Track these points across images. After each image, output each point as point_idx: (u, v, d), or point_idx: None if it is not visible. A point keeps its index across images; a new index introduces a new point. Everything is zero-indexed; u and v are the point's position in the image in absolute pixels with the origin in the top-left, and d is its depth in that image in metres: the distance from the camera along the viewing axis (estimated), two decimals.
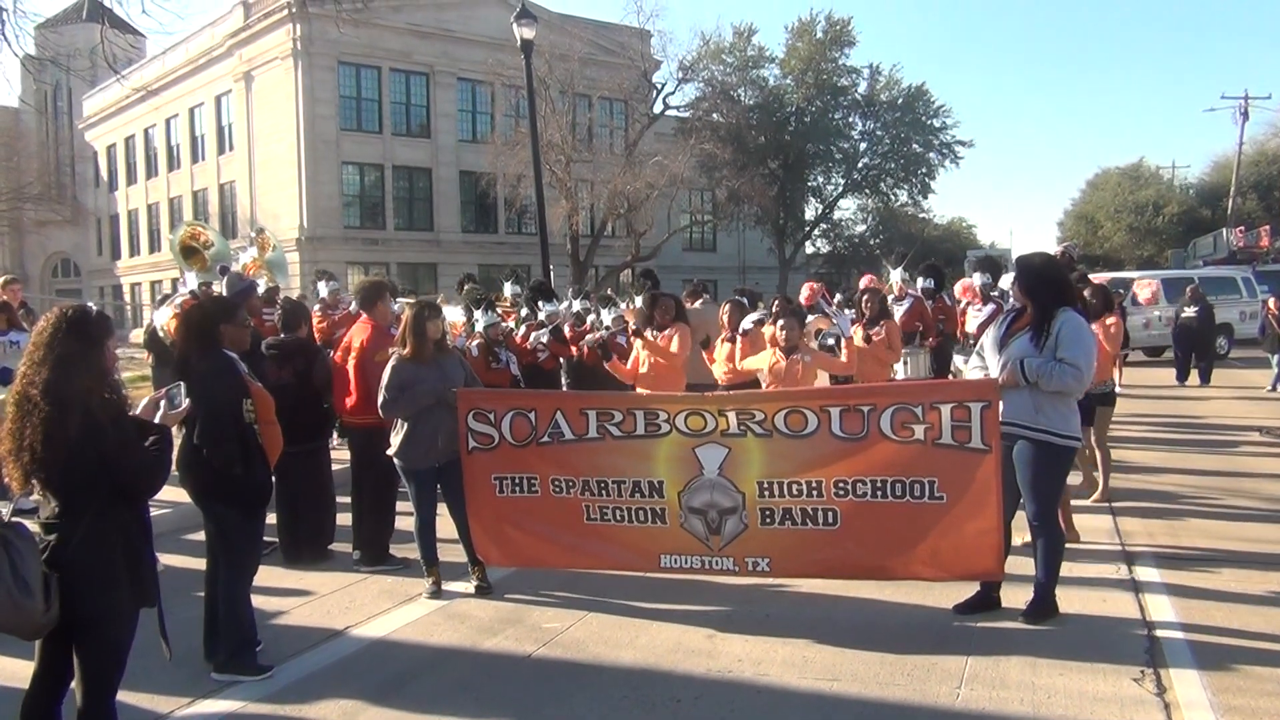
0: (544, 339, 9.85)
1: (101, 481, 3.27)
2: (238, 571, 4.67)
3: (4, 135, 44.68)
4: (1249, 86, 42.43)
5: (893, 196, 43.52)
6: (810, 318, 8.96)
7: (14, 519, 3.25)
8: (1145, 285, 20.92)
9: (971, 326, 9.89)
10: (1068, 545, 5.57)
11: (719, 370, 7.92)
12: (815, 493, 4.96)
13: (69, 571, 3.22)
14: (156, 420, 3.58)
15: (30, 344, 3.38)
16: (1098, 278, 12.29)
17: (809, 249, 46.77)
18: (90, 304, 3.68)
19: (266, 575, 6.20)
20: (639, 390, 7.31)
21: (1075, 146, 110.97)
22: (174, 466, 3.94)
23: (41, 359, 3.28)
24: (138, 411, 3.60)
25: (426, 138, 36.74)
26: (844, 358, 7.23)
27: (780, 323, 7.02)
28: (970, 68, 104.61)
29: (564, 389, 10.35)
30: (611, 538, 5.35)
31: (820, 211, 44.00)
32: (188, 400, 3.71)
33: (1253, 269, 24.46)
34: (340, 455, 7.70)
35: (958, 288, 11.30)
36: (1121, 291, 16.52)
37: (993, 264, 10.89)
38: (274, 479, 5.13)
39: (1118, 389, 8.74)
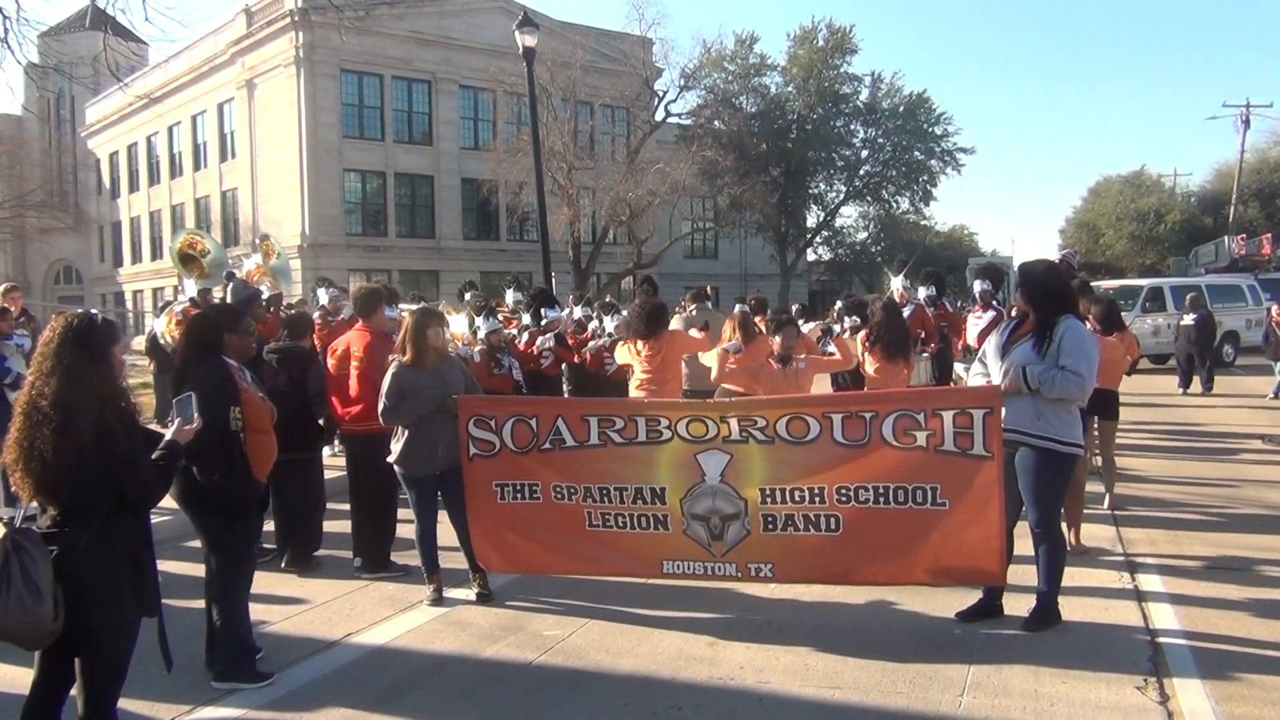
0: (550, 344, 9.86)
1: (108, 490, 3.27)
2: (227, 579, 4.62)
3: (7, 143, 44.81)
4: (1250, 94, 42.82)
5: (894, 204, 43.65)
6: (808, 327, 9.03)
7: (24, 524, 3.24)
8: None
9: (972, 334, 9.88)
10: (1073, 555, 5.57)
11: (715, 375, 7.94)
12: (818, 499, 4.95)
13: (74, 582, 3.21)
14: (169, 436, 3.57)
15: (37, 354, 3.38)
16: (1107, 285, 12.16)
17: (810, 256, 46.87)
18: (94, 310, 3.68)
19: (267, 582, 6.21)
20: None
21: (1077, 154, 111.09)
22: None
23: (50, 369, 3.28)
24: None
25: (428, 145, 36.83)
26: (838, 354, 7.49)
27: (781, 333, 7.05)
28: (972, 75, 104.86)
29: (565, 395, 10.36)
30: (614, 544, 5.34)
31: (822, 219, 44.11)
32: (199, 417, 3.69)
33: (1255, 277, 24.46)
34: (339, 462, 7.70)
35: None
36: (1123, 301, 16.54)
37: (994, 271, 10.89)
38: (268, 487, 5.12)
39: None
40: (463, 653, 5.01)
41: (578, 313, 11.73)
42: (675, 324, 8.77)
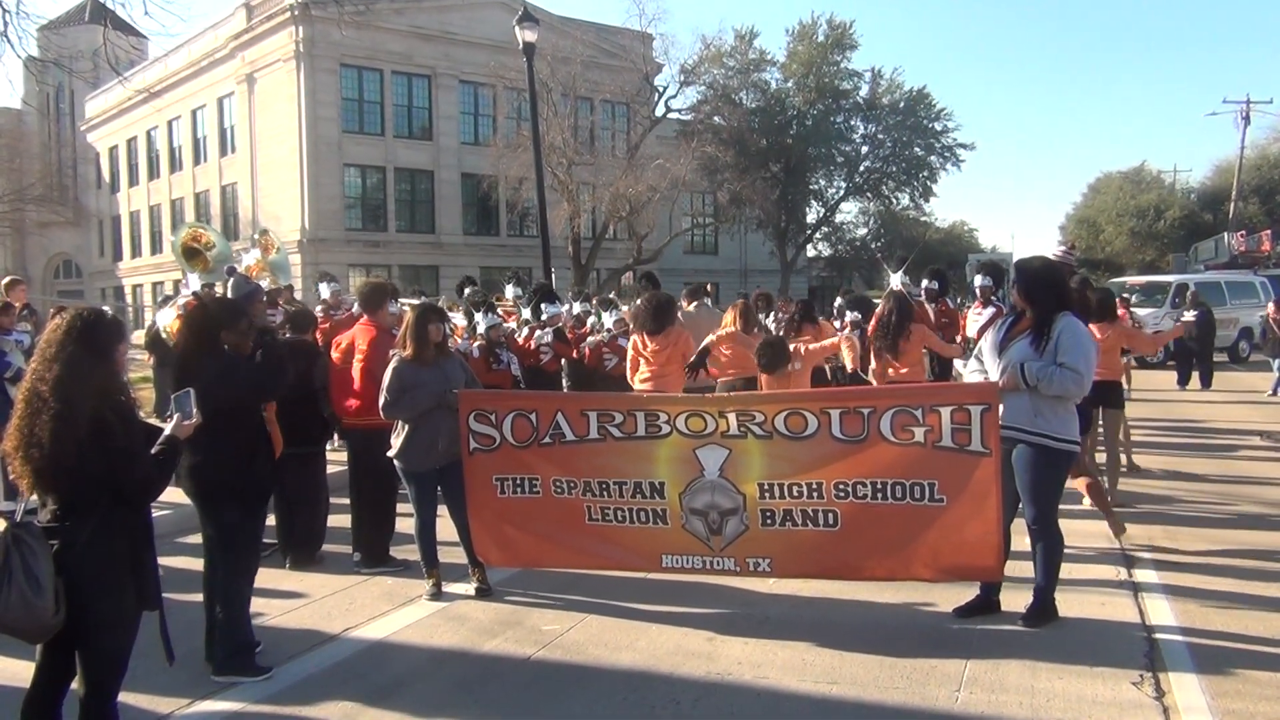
0: (548, 339, 9.86)
1: (108, 483, 3.27)
2: (237, 573, 4.64)
3: (6, 137, 44.79)
4: (1250, 91, 42.68)
5: (894, 200, 43.56)
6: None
7: (25, 518, 3.25)
8: None
9: (972, 331, 9.88)
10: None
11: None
12: (816, 494, 4.96)
13: (74, 576, 3.22)
14: (167, 431, 3.58)
15: (42, 343, 3.40)
16: (1133, 281, 12.20)
17: (810, 252, 46.84)
18: (105, 307, 3.68)
19: (266, 577, 6.21)
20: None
21: (1077, 150, 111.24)
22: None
23: (53, 356, 3.29)
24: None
25: (428, 140, 36.77)
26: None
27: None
28: (972, 71, 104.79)
29: (564, 390, 10.35)
30: (613, 538, 5.36)
31: (822, 215, 44.04)
32: (198, 412, 3.71)
33: (1254, 272, 24.50)
34: (339, 457, 7.71)
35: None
36: (1126, 295, 16.57)
37: (994, 267, 10.89)
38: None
39: (1128, 395, 8.79)
40: (461, 647, 5.03)
41: (576, 308, 11.73)
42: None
